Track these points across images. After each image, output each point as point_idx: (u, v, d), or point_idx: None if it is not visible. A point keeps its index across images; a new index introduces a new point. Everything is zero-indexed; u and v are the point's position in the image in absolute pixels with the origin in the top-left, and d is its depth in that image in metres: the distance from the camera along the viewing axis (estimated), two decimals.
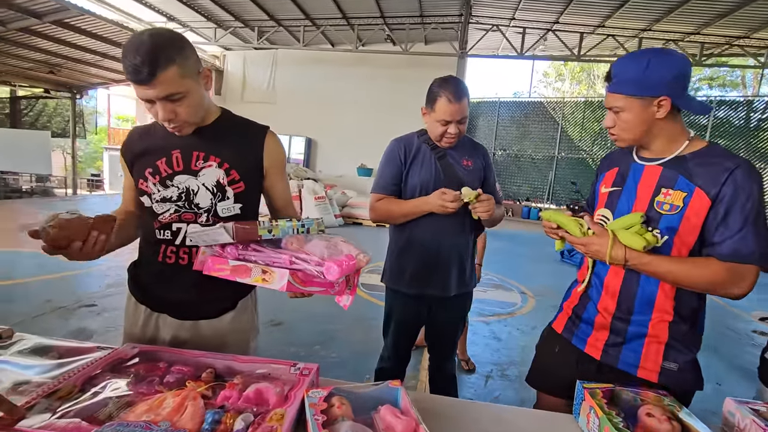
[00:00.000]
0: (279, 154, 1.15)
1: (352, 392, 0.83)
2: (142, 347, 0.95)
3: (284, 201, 1.20)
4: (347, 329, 3.22)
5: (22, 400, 0.72)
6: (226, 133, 1.09)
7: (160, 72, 0.87)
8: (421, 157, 1.55)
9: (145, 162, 1.05)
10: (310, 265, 0.85)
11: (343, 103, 11.62)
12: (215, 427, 0.70)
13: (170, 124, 0.97)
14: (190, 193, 1.05)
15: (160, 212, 1.05)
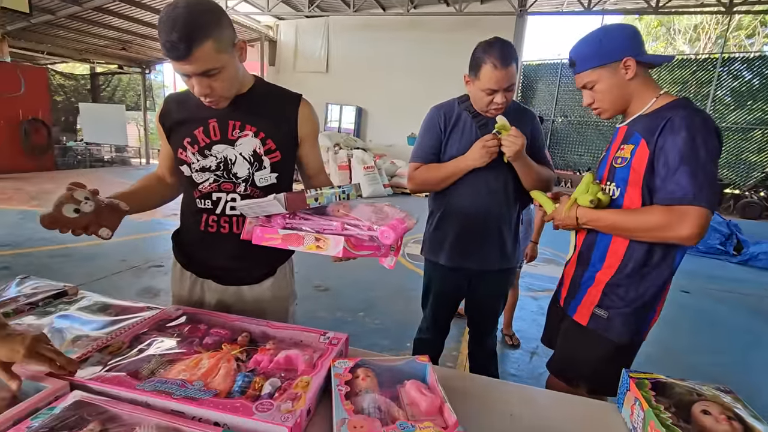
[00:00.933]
0: (313, 123, 1.14)
1: (378, 365, 0.82)
2: (185, 309, 1.01)
3: (316, 169, 1.20)
4: (390, 297, 3.26)
5: (78, 352, 0.80)
6: (260, 102, 1.08)
7: (196, 48, 0.86)
8: (462, 126, 1.46)
9: (183, 131, 1.07)
10: (362, 231, 0.87)
11: (394, 70, 11.33)
12: (244, 390, 0.73)
13: (206, 98, 0.97)
14: (228, 163, 1.06)
15: (200, 182, 1.07)
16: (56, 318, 0.93)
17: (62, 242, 3.97)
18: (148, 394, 0.69)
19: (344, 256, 0.83)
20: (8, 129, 7.48)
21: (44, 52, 11.70)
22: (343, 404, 0.68)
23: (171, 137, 1.10)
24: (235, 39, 0.96)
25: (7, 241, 3.97)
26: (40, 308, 0.98)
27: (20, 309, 0.95)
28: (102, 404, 0.66)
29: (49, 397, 0.68)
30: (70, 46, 11.50)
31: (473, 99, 1.44)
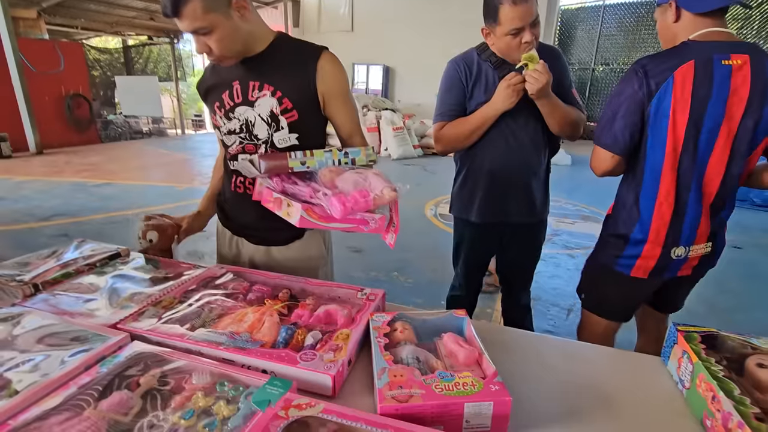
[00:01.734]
0: (337, 78, 1.05)
1: (415, 318, 0.84)
2: (229, 268, 1.05)
3: (349, 130, 1.13)
4: (422, 257, 3.29)
5: (135, 307, 0.86)
6: (280, 59, 1.04)
7: (182, 7, 0.88)
8: (484, 79, 1.38)
9: (214, 96, 1.08)
10: (323, 201, 0.81)
11: (421, 26, 10.79)
12: (288, 341, 0.77)
13: (208, 57, 0.97)
14: (249, 125, 1.05)
15: (229, 144, 1.09)
16: (112, 277, 0.99)
17: (110, 211, 4.23)
18: (201, 344, 0.74)
19: (304, 225, 0.80)
20: (54, 105, 7.85)
21: (78, 27, 11.96)
22: (382, 354, 0.70)
23: (207, 102, 1.11)
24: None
25: (63, 210, 4.27)
26: (98, 268, 1.05)
27: (80, 269, 1.02)
28: (160, 353, 0.72)
29: (114, 347, 0.74)
30: (101, 19, 11.68)
31: (499, 49, 1.34)
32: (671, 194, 1.11)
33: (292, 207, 0.83)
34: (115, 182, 5.54)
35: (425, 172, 6.76)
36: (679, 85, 1.04)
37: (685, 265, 1.19)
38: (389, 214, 0.87)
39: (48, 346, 0.74)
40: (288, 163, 0.86)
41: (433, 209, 4.62)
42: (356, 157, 0.92)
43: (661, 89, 1.05)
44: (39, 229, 3.73)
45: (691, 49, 1.05)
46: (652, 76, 1.06)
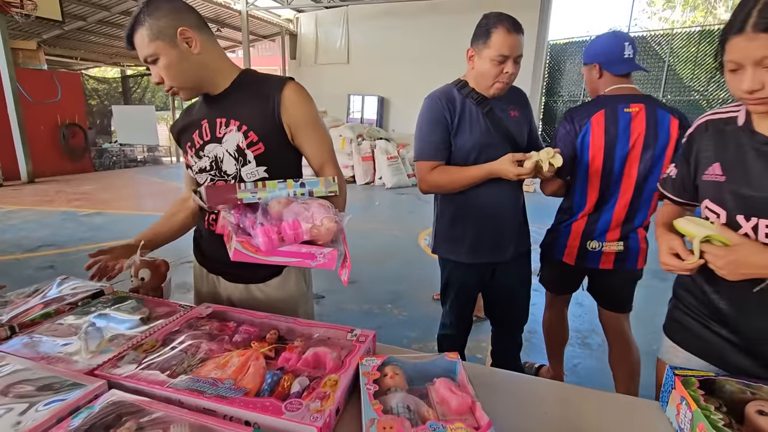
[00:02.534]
0: (302, 107, 1.03)
1: (407, 362, 0.81)
2: (215, 307, 1.02)
3: (319, 160, 1.09)
4: (416, 288, 3.25)
5: (115, 351, 0.82)
6: (244, 94, 1.05)
7: (133, 36, 0.96)
8: (468, 115, 1.38)
9: (186, 137, 1.10)
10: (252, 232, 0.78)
11: (414, 57, 11.15)
12: (273, 388, 0.73)
13: (164, 87, 1.00)
14: (218, 161, 1.05)
15: (201, 182, 1.09)
16: (93, 318, 0.96)
17: (99, 241, 4.17)
18: (181, 392, 0.70)
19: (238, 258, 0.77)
20: (49, 134, 7.88)
21: (77, 58, 12.19)
22: (371, 404, 0.67)
23: (180, 145, 1.13)
24: (178, 28, 0.96)
25: (51, 240, 4.20)
26: (80, 308, 1.01)
27: (61, 309, 0.99)
28: (137, 403, 0.68)
29: (88, 396, 0.70)
30: (101, 50, 11.94)
31: (479, 74, 1.35)
32: (592, 203, 1.53)
33: (231, 240, 0.80)
34: (106, 212, 5.48)
35: (419, 201, 6.80)
36: (595, 126, 1.45)
37: (604, 258, 1.55)
38: (342, 248, 0.83)
39: (19, 396, 0.70)
40: (237, 195, 0.84)
41: (427, 239, 4.61)
42: (314, 188, 0.89)
43: (583, 129, 1.46)
44: (25, 260, 3.65)
45: (604, 101, 1.48)
46: (577, 121, 1.48)
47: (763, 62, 0.72)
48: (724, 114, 0.92)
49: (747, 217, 0.83)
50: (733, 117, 0.89)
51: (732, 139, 0.87)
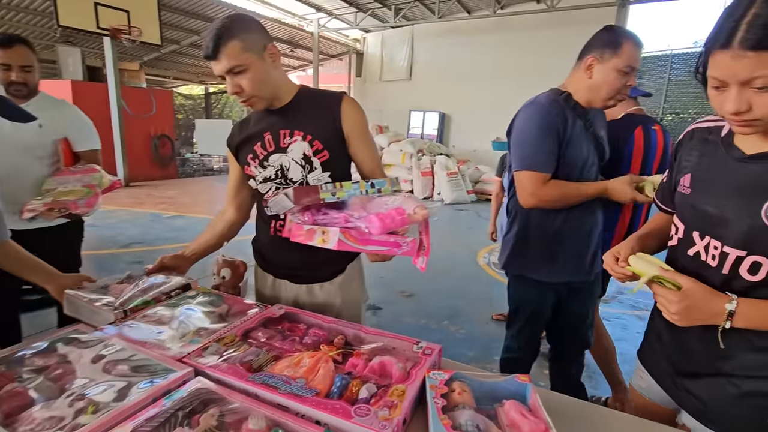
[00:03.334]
0: (357, 118, 1.13)
1: (474, 380, 0.79)
2: (287, 309, 1.08)
3: (370, 167, 1.18)
4: (474, 306, 3.16)
5: (201, 342, 0.89)
6: (305, 107, 1.14)
7: (223, 46, 0.99)
8: (578, 129, 1.31)
9: (246, 149, 1.16)
10: (359, 222, 0.85)
11: (477, 74, 11.08)
12: (342, 392, 0.75)
13: (239, 98, 1.06)
14: (283, 170, 1.13)
15: (264, 191, 1.16)
16: (182, 310, 1.05)
17: (180, 241, 4.56)
18: (258, 386, 0.74)
19: (342, 248, 0.83)
20: (142, 144, 8.85)
21: (170, 77, 13.64)
22: (440, 418, 0.66)
23: (238, 158, 1.19)
24: (266, 44, 1.04)
25: (141, 238, 4.68)
26: (171, 300, 1.12)
27: (158, 298, 1.10)
28: (219, 392, 0.73)
29: (178, 381, 0.77)
30: (189, 70, 13.27)
31: (596, 85, 1.28)
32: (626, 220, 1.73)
33: (327, 233, 0.86)
34: (186, 215, 6.01)
35: (479, 218, 6.65)
36: (638, 140, 1.63)
37: None
38: (419, 237, 0.89)
39: (120, 374, 0.79)
40: (320, 195, 0.90)
41: (486, 257, 4.48)
42: (382, 187, 0.96)
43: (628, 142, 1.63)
44: (119, 255, 4.10)
45: (635, 119, 1.70)
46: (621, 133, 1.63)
47: (751, 82, 0.63)
48: (711, 123, 0.85)
49: (701, 235, 0.79)
50: (719, 127, 0.83)
51: (710, 151, 0.82)
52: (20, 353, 0.85)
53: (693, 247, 0.81)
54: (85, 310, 1.04)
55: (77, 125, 1.76)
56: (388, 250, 0.86)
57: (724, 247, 0.75)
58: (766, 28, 0.58)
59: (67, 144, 1.70)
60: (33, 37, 9.19)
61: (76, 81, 7.58)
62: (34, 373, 0.80)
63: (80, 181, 1.62)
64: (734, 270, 0.74)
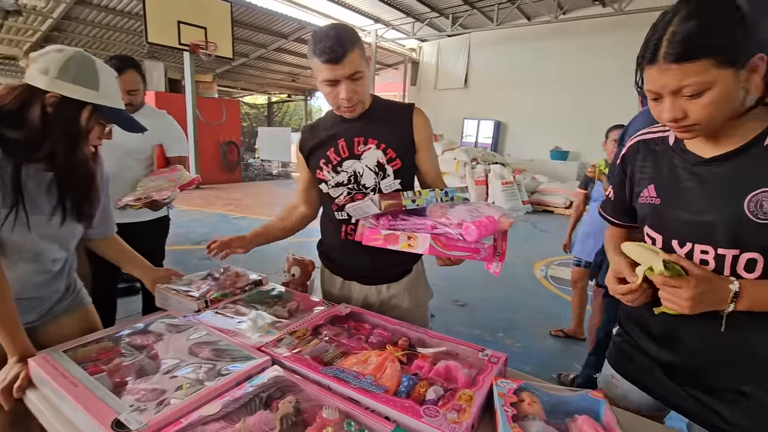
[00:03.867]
0: (427, 129, 1.19)
1: (544, 392, 0.78)
2: (353, 308, 1.12)
3: (433, 176, 1.23)
4: (530, 320, 3.04)
5: (276, 334, 0.96)
6: (378, 116, 1.17)
7: (349, 52, 1.01)
8: None
9: (318, 154, 1.20)
10: (450, 229, 0.88)
11: (535, 81, 10.71)
12: (410, 391, 0.77)
13: (349, 102, 1.07)
14: (357, 176, 1.17)
15: (336, 196, 1.19)
16: (258, 303, 1.13)
17: None
18: (331, 379, 0.78)
19: (432, 253, 0.87)
20: (213, 150, 9.55)
21: (238, 88, 14.61)
22: (510, 426, 0.66)
23: (309, 162, 1.24)
24: (366, 55, 1.10)
25: (210, 236, 5.01)
26: (247, 293, 1.21)
27: (234, 292, 1.19)
28: (294, 380, 0.78)
29: (258, 367, 0.83)
30: (255, 81, 14.13)
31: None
32: None
33: (415, 238, 0.91)
34: (249, 216, 6.38)
35: (535, 230, 6.40)
36: None
37: None
38: (495, 243, 0.93)
39: (205, 357, 0.86)
40: (402, 202, 0.94)
41: (543, 270, 4.30)
42: (454, 195, 1.00)
43: None
44: (192, 251, 4.44)
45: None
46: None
47: (681, 91, 0.68)
48: (654, 134, 0.88)
49: (681, 243, 0.79)
50: (664, 137, 0.85)
51: (664, 160, 0.84)
52: (121, 332, 0.97)
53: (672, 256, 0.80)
54: (173, 301, 1.15)
55: (172, 133, 1.96)
56: (468, 255, 0.90)
57: (718, 250, 0.75)
58: (683, 42, 0.65)
59: (161, 149, 1.92)
60: (124, 53, 10.31)
61: (159, 92, 8.38)
62: (135, 350, 0.90)
63: (166, 178, 1.82)
64: (734, 270, 0.74)
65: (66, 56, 0.90)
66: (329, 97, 1.10)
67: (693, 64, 0.65)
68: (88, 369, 0.81)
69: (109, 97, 0.95)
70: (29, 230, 0.93)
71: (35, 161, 0.92)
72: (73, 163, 0.95)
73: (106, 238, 1.21)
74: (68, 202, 0.98)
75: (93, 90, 0.92)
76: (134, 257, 1.25)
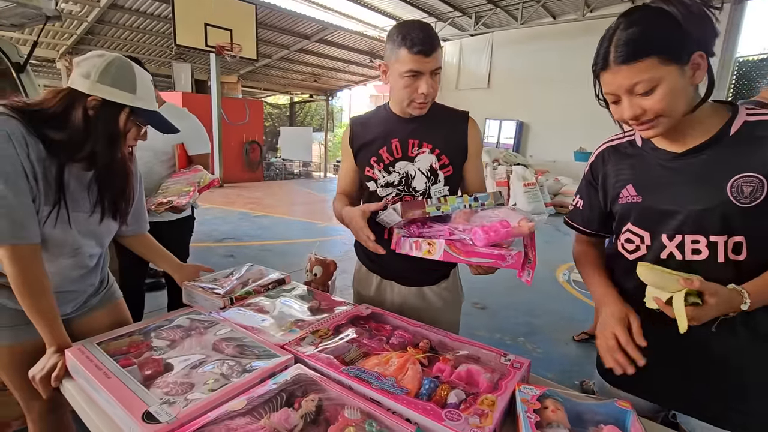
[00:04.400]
0: (479, 139, 1.21)
1: (568, 399, 0.76)
2: (374, 309, 1.12)
3: (478, 184, 1.23)
4: (552, 325, 2.98)
5: (300, 332, 0.97)
6: (435, 121, 1.17)
7: (437, 47, 1.06)
8: None
9: (370, 151, 1.19)
10: (464, 234, 0.88)
11: (560, 81, 10.46)
12: (431, 394, 0.77)
13: (426, 98, 1.08)
14: (408, 178, 1.16)
15: (384, 195, 1.18)
16: (281, 302, 1.15)
17: (265, 239, 4.94)
18: (352, 379, 0.79)
19: (447, 259, 0.87)
20: (236, 149, 9.76)
21: (262, 89, 14.86)
22: None
23: (358, 157, 1.22)
24: None
25: (232, 234, 5.14)
26: (270, 291, 1.23)
27: (258, 290, 1.21)
28: (317, 379, 0.79)
29: (281, 365, 0.84)
30: (278, 81, 14.34)
31: None
32: None
33: (434, 245, 0.91)
34: (270, 215, 6.48)
35: (558, 233, 6.27)
36: None
37: None
38: (524, 250, 0.90)
39: (229, 354, 0.89)
40: (426, 209, 0.93)
41: (566, 274, 4.21)
42: (485, 201, 0.97)
43: None
44: (214, 248, 4.55)
45: None
46: None
47: (634, 90, 0.74)
48: (621, 139, 0.93)
49: (670, 236, 0.82)
50: (632, 140, 0.90)
51: (637, 160, 0.88)
52: (151, 327, 1.00)
53: (664, 250, 0.83)
54: (199, 298, 1.18)
55: (194, 132, 1.97)
56: (492, 262, 0.88)
57: (710, 237, 0.78)
58: (628, 45, 0.72)
59: (182, 148, 1.94)
60: (152, 55, 10.63)
61: (186, 93, 8.64)
62: (164, 344, 0.93)
63: (186, 180, 1.83)
64: (723, 253, 0.78)
65: (106, 61, 0.94)
66: (405, 91, 1.08)
67: (640, 63, 0.72)
68: (120, 361, 0.84)
69: (145, 99, 0.99)
70: (70, 227, 0.98)
71: (77, 161, 0.97)
72: (112, 163, 1.00)
73: (138, 234, 1.25)
74: (107, 199, 1.03)
75: (131, 93, 0.96)
76: (164, 254, 1.29)
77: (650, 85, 0.73)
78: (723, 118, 0.79)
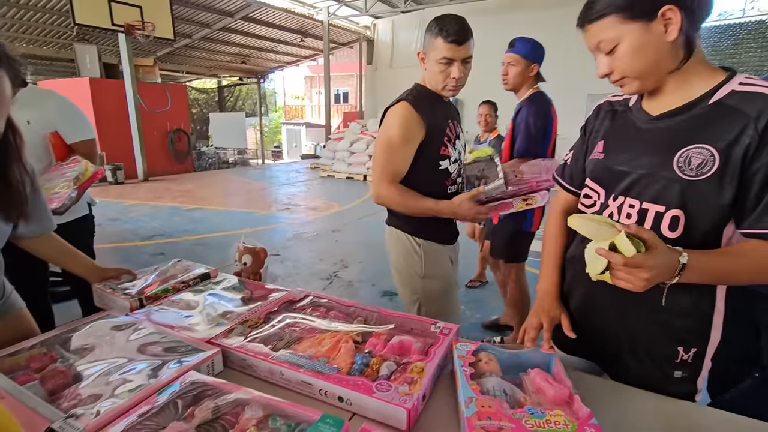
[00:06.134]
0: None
1: (500, 351, 0.81)
2: (308, 292, 1.10)
3: None
4: (495, 294, 3.16)
5: (227, 325, 0.93)
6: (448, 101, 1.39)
7: (470, 38, 1.23)
8: None
9: (440, 129, 1.31)
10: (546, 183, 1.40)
11: (492, 57, 10.81)
12: (363, 369, 0.78)
13: (457, 83, 1.27)
14: (460, 154, 1.40)
15: (452, 171, 1.35)
16: (207, 295, 1.09)
17: (200, 233, 4.67)
18: (282, 365, 0.77)
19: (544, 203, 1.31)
20: (159, 139, 9.00)
21: (184, 72, 13.77)
22: (469, 384, 0.69)
23: (432, 137, 1.29)
24: None
25: (161, 231, 4.79)
26: (193, 287, 1.16)
27: (177, 287, 1.14)
28: (214, 384, 0.71)
29: (206, 361, 0.80)
30: (202, 64, 13.36)
31: None
32: None
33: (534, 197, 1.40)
34: (204, 207, 6.12)
35: None
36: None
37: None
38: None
39: (153, 354, 0.82)
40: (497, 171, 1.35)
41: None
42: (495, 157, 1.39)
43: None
44: (142, 247, 4.21)
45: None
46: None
47: (599, 48, 0.77)
48: (620, 96, 0.92)
49: (614, 197, 0.82)
50: (627, 98, 0.90)
51: (620, 119, 0.88)
52: (56, 336, 0.90)
53: (606, 209, 0.84)
54: (107, 299, 1.09)
55: (66, 116, 1.63)
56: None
57: (642, 204, 0.77)
58: (588, 6, 0.76)
59: (58, 137, 1.59)
60: (49, 36, 9.39)
61: (93, 78, 7.73)
62: (74, 354, 0.84)
63: (62, 176, 1.53)
64: (656, 226, 0.76)
65: None
66: (440, 76, 1.25)
67: (600, 21, 0.74)
68: (18, 378, 0.75)
69: None
70: None
71: None
72: None
73: (42, 235, 1.11)
74: None
75: None
76: (77, 255, 1.15)
77: (612, 44, 0.74)
78: (713, 84, 0.73)
